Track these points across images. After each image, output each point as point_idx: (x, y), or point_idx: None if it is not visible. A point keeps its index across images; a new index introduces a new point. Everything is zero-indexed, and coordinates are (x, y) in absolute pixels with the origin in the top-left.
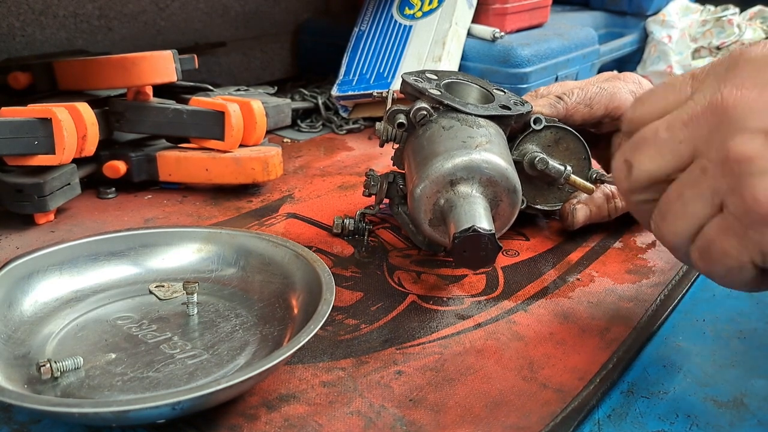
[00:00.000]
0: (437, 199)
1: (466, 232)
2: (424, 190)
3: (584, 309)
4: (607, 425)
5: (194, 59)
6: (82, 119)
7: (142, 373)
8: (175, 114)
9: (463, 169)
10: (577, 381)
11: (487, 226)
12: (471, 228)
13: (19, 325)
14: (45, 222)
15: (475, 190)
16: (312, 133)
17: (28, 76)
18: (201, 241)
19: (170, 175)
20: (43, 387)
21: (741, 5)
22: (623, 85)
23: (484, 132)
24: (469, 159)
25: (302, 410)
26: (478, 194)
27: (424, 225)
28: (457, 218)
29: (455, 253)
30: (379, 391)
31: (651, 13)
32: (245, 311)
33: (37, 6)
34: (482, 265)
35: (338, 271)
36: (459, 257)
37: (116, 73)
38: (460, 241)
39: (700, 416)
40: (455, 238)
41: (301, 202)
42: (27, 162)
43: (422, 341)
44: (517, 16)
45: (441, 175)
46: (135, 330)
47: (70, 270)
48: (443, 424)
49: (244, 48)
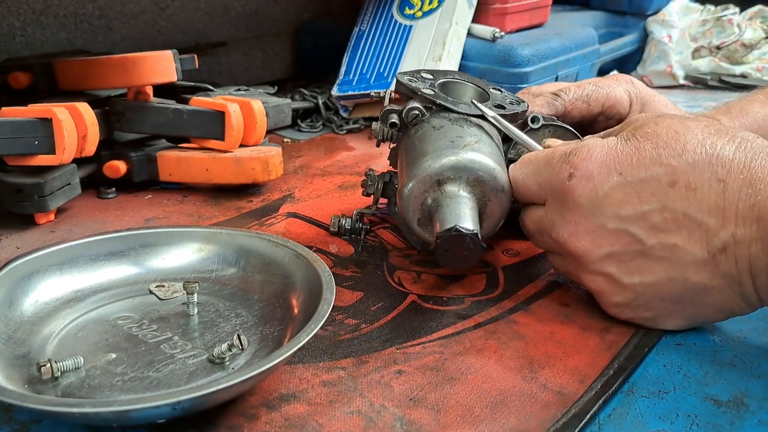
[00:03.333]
0: (425, 199)
1: (448, 231)
2: (412, 190)
3: (584, 308)
4: (607, 425)
5: (194, 59)
6: (83, 119)
7: (142, 373)
8: (176, 114)
9: (450, 169)
10: (577, 382)
11: (470, 226)
12: (453, 228)
13: (19, 325)
14: (45, 222)
15: (462, 190)
16: (312, 133)
17: (28, 76)
18: (201, 240)
19: (170, 175)
20: (44, 387)
21: (741, 5)
22: (617, 84)
23: (474, 132)
24: (456, 159)
25: (303, 410)
26: (465, 194)
27: (413, 225)
28: (442, 218)
29: (438, 252)
30: (380, 391)
31: (651, 13)
32: (245, 311)
33: (38, 6)
34: (465, 264)
35: (338, 271)
36: (442, 256)
37: (116, 73)
38: (442, 240)
39: (700, 416)
40: (438, 237)
41: (301, 202)
42: (27, 162)
43: (422, 341)
44: (517, 16)
45: (428, 175)
46: (135, 330)
47: (71, 270)
48: (443, 424)
49: (245, 48)
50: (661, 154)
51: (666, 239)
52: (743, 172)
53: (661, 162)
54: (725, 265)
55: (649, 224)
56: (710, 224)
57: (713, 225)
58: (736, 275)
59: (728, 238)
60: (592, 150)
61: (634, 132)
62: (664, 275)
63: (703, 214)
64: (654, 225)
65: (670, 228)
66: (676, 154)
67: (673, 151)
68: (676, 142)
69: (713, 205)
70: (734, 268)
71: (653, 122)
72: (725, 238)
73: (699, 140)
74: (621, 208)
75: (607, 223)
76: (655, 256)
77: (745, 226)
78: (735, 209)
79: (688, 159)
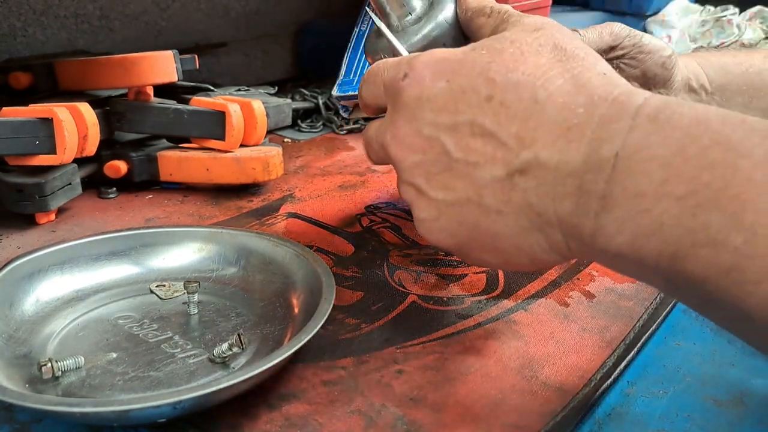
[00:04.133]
0: None
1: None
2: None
3: (584, 308)
4: (607, 425)
5: (195, 59)
6: (83, 119)
7: (143, 373)
8: (176, 114)
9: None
10: (577, 380)
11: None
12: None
13: (20, 324)
14: (46, 222)
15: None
16: (312, 133)
17: (29, 77)
18: (202, 240)
19: (171, 175)
20: (44, 386)
21: (740, 5)
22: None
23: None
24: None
25: (303, 409)
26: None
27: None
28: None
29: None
30: (380, 390)
31: (651, 14)
32: (246, 310)
33: (38, 6)
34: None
35: (338, 271)
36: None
37: (117, 73)
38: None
39: (700, 416)
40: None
41: (301, 202)
42: (28, 162)
43: (423, 340)
44: None
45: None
46: (136, 329)
47: (71, 269)
48: (444, 423)
49: (245, 48)
50: (491, 68)
51: (469, 155)
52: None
53: (486, 75)
54: (522, 187)
55: (459, 136)
56: (513, 144)
57: (516, 145)
58: (535, 201)
59: (530, 159)
60: (434, 54)
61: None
62: (464, 194)
63: (509, 133)
64: (462, 138)
65: (476, 144)
66: (505, 71)
67: (504, 67)
68: (514, 60)
69: (523, 125)
70: (533, 192)
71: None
72: (527, 157)
73: (537, 64)
74: (438, 115)
75: (423, 128)
76: (459, 171)
77: (553, 149)
78: (546, 130)
79: (513, 78)
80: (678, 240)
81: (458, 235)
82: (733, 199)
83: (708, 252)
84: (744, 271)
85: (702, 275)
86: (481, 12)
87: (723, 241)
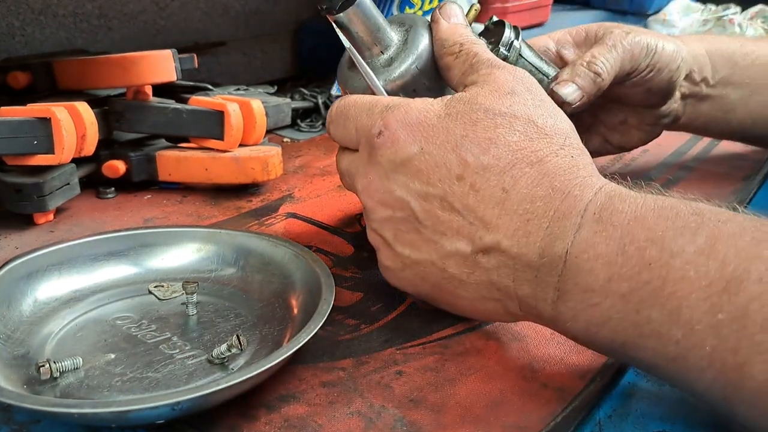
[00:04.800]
0: None
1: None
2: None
3: None
4: (607, 426)
5: (194, 59)
6: (82, 119)
7: (141, 374)
8: (175, 113)
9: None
10: (577, 380)
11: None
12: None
13: (18, 325)
14: (44, 222)
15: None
16: (312, 132)
17: (27, 76)
18: (200, 240)
19: (170, 175)
20: (43, 387)
21: (742, 4)
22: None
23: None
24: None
25: (302, 410)
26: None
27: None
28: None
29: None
30: (380, 392)
31: (652, 13)
32: (245, 311)
33: (37, 5)
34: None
35: (338, 271)
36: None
37: (116, 72)
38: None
39: (700, 417)
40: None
41: (300, 202)
42: (26, 162)
43: (422, 341)
44: (517, 15)
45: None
46: (134, 330)
47: (70, 270)
48: (444, 424)
49: (244, 47)
50: (464, 145)
51: (437, 225)
52: (528, 188)
53: (458, 152)
54: (485, 265)
55: (428, 206)
56: (478, 226)
57: (481, 227)
58: (497, 280)
59: (493, 243)
60: (408, 112)
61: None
62: (428, 258)
63: (476, 216)
64: (432, 209)
65: (444, 217)
66: (478, 152)
67: (476, 146)
68: (487, 138)
69: (489, 211)
70: (495, 272)
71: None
72: (490, 242)
73: (508, 144)
74: (411, 180)
75: (396, 189)
76: (425, 236)
77: (513, 239)
78: (508, 219)
79: (484, 161)
80: (625, 331)
81: (420, 288)
82: (670, 296)
83: (654, 343)
84: (687, 359)
85: (651, 362)
86: (450, 51)
87: (666, 334)
